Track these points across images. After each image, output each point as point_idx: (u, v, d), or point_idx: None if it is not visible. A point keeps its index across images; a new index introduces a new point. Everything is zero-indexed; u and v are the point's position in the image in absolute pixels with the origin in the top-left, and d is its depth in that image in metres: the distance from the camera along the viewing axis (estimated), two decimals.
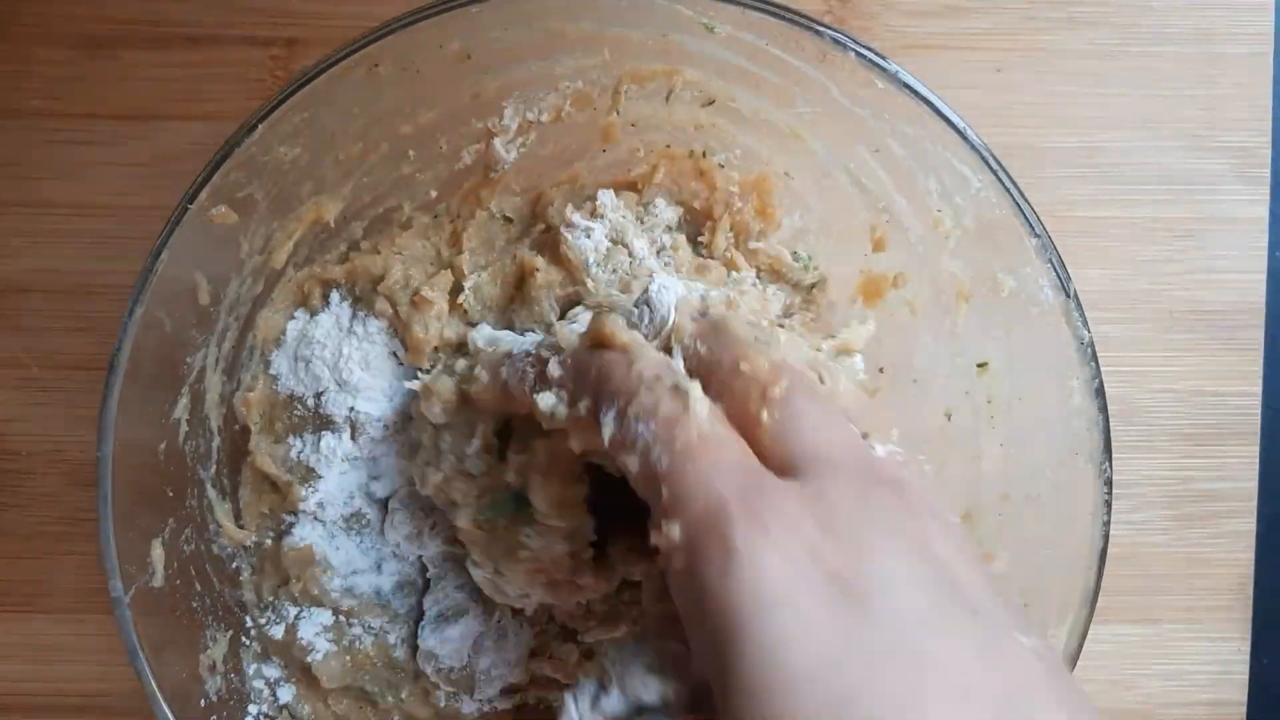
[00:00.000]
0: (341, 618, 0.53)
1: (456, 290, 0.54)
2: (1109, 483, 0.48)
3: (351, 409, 0.53)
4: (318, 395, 0.53)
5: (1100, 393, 0.48)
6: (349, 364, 0.52)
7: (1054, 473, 0.50)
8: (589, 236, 0.52)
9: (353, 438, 0.53)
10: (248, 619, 0.53)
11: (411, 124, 0.51)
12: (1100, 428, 0.48)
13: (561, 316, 0.52)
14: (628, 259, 0.52)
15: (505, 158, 0.53)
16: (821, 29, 0.46)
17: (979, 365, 0.52)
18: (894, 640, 0.31)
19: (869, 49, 0.47)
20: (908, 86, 0.47)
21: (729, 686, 0.31)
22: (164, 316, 0.47)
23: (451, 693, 0.53)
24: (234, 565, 0.53)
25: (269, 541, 0.54)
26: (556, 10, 0.47)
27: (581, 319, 0.47)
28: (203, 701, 0.48)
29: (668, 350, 0.40)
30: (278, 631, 0.52)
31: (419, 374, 0.52)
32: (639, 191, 0.55)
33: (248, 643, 0.53)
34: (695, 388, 0.36)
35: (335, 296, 0.54)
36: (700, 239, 0.55)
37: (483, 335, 0.52)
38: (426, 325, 0.52)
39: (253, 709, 0.51)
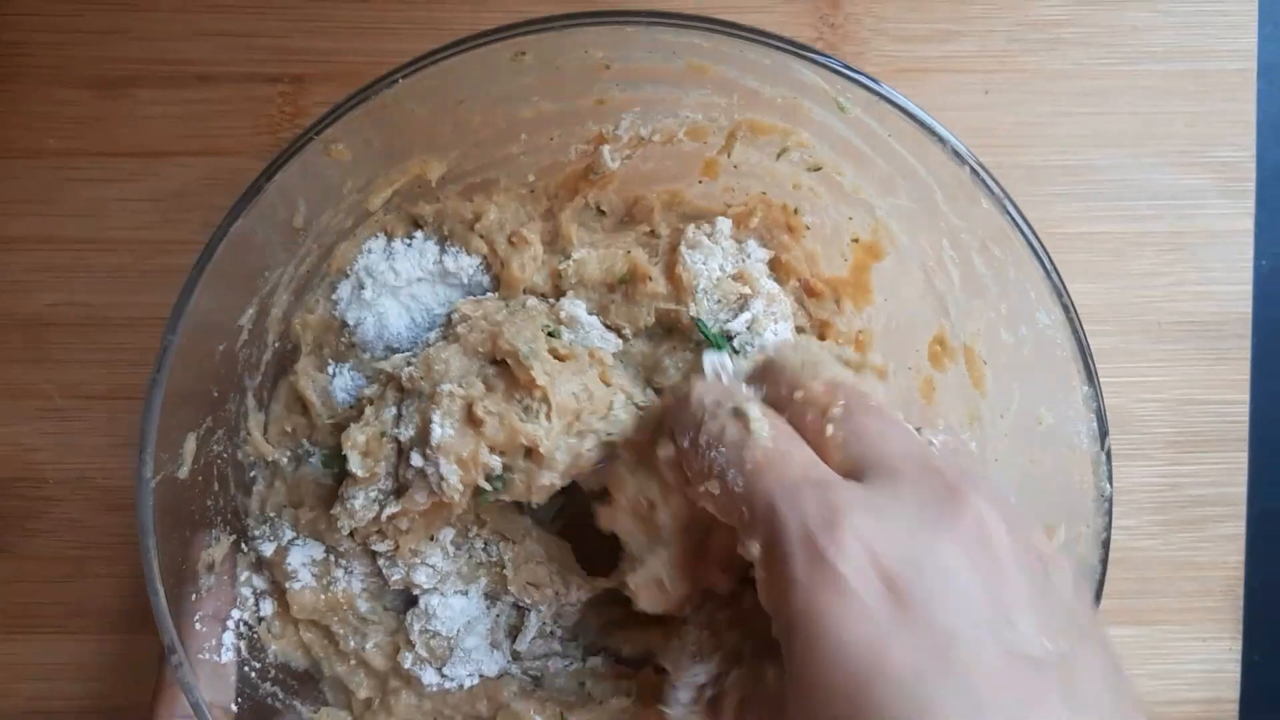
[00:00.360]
0: (333, 557, 0.54)
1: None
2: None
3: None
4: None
5: (1106, 545, 0.49)
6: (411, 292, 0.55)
7: None
8: (705, 263, 0.54)
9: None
10: (250, 527, 0.54)
11: (534, 110, 0.52)
12: (1096, 578, 0.49)
13: (656, 323, 0.55)
14: (736, 290, 0.54)
15: (609, 164, 0.54)
16: (964, 157, 0.47)
17: None
18: (933, 648, 0.32)
19: (993, 179, 0.47)
20: (1010, 215, 0.48)
21: (792, 685, 0.34)
22: (257, 229, 0.48)
23: (422, 657, 0.54)
24: (251, 474, 0.55)
25: (285, 460, 0.55)
26: (704, 51, 0.48)
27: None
28: (194, 595, 0.50)
29: None
30: (268, 549, 0.53)
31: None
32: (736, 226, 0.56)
33: (245, 550, 0.54)
34: (754, 407, 0.39)
35: (420, 235, 0.55)
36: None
37: (574, 309, 0.53)
38: (524, 264, 0.54)
39: (235, 613, 0.52)
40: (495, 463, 0.48)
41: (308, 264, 0.53)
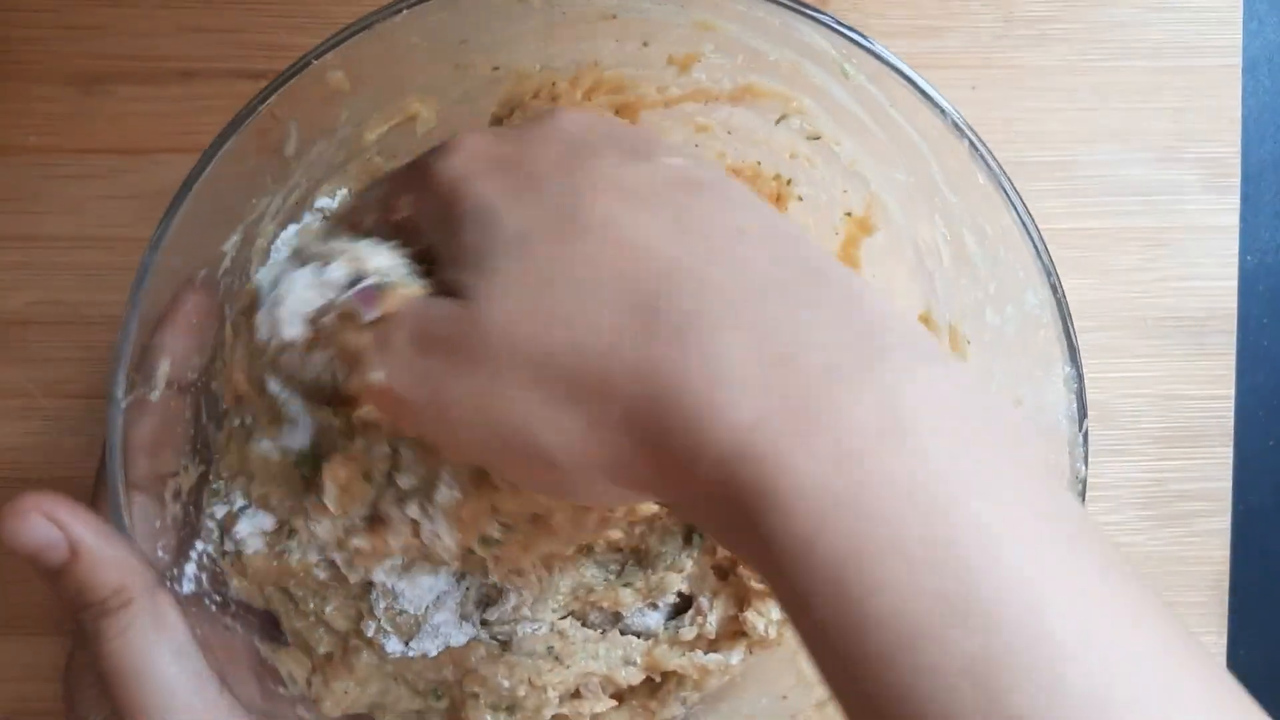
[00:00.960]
0: (286, 529, 0.51)
1: None
2: None
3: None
4: None
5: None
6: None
7: None
8: None
9: None
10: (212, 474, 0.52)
11: (532, 59, 0.51)
12: None
13: None
14: None
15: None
16: (963, 130, 0.47)
17: None
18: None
19: (990, 154, 0.47)
20: (1004, 192, 0.47)
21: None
22: (250, 154, 0.47)
23: (386, 631, 0.52)
24: (223, 408, 0.53)
25: (238, 424, 0.52)
26: (713, 6, 0.47)
27: None
28: (158, 523, 0.47)
29: None
30: (219, 510, 0.51)
31: None
32: None
33: (213, 483, 0.52)
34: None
35: None
36: None
37: None
38: None
39: (199, 545, 0.50)
40: (496, 531, 0.46)
41: (295, 196, 0.52)
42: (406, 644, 0.52)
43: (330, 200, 0.53)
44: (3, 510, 0.42)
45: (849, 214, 0.55)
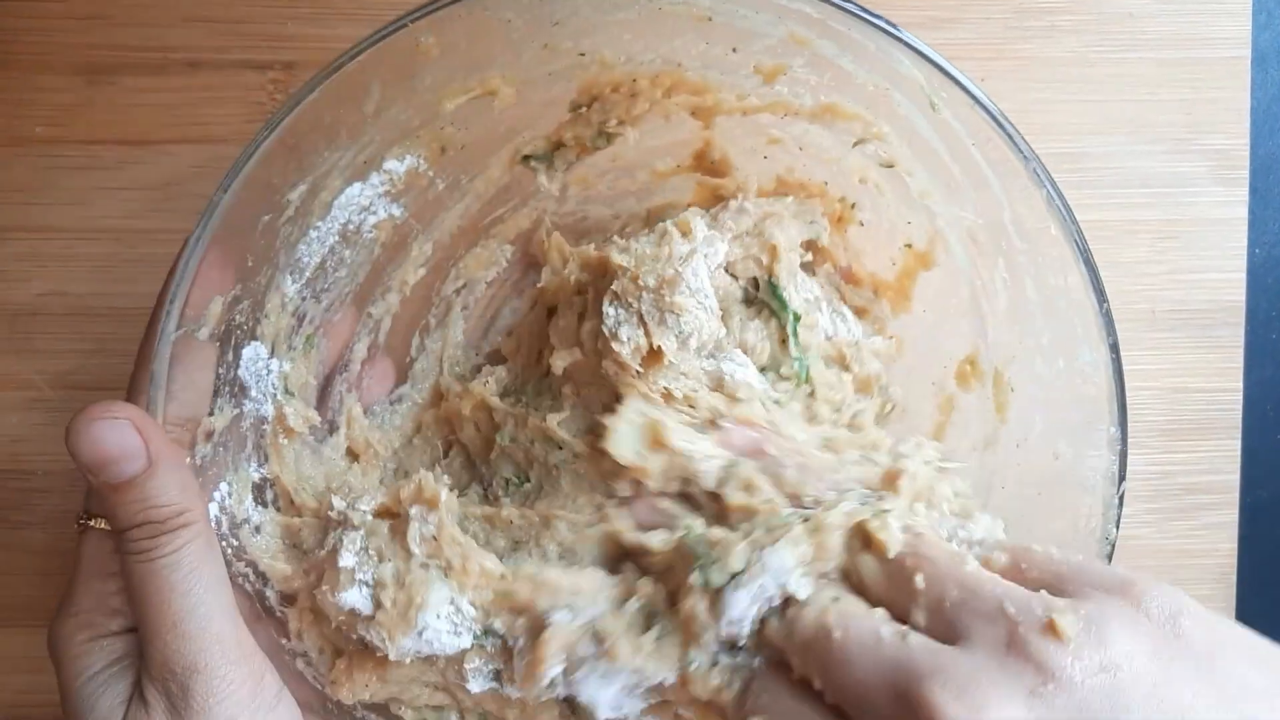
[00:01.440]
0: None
1: None
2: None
3: None
4: None
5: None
6: None
7: None
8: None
9: None
10: (248, 402, 0.53)
11: (618, 53, 0.51)
12: None
13: None
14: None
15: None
16: (1043, 180, 0.47)
17: None
18: None
19: (1067, 209, 0.47)
20: (1077, 246, 0.47)
21: None
22: (330, 109, 0.47)
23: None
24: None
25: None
26: (811, 20, 0.47)
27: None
28: (188, 459, 0.47)
29: None
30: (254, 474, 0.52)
31: None
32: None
33: (245, 428, 0.52)
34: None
35: None
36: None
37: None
38: None
39: (224, 486, 0.50)
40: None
41: (366, 154, 0.52)
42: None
43: (398, 164, 0.53)
44: (90, 409, 0.42)
45: (909, 245, 0.54)
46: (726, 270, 0.54)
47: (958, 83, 0.46)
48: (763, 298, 0.54)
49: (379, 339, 0.59)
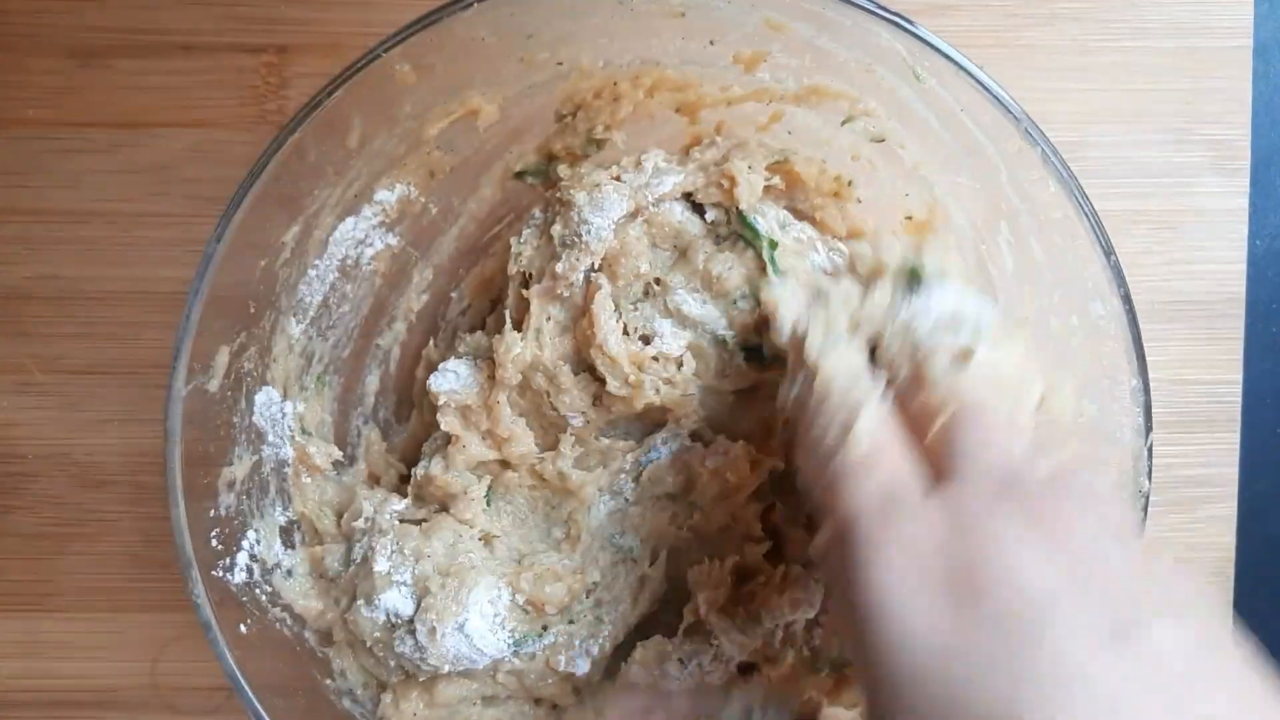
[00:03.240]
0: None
1: None
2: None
3: None
4: None
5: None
6: None
7: None
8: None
9: None
10: (266, 448, 0.53)
11: (595, 55, 0.51)
12: None
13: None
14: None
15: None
16: (1037, 139, 0.47)
17: None
18: (1004, 635, 0.33)
19: (1064, 164, 0.47)
20: (1077, 201, 0.47)
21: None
22: (313, 147, 0.48)
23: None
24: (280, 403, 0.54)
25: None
26: (785, 6, 0.47)
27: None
28: (212, 512, 0.49)
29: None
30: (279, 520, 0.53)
31: None
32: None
33: (266, 472, 0.53)
34: (863, 420, 0.39)
35: None
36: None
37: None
38: None
39: (251, 534, 0.51)
40: None
41: (355, 187, 0.52)
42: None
43: (389, 193, 0.53)
44: None
45: (909, 218, 0.54)
46: (693, 205, 0.54)
47: (938, 49, 0.46)
48: (736, 229, 0.53)
49: (389, 369, 0.59)
